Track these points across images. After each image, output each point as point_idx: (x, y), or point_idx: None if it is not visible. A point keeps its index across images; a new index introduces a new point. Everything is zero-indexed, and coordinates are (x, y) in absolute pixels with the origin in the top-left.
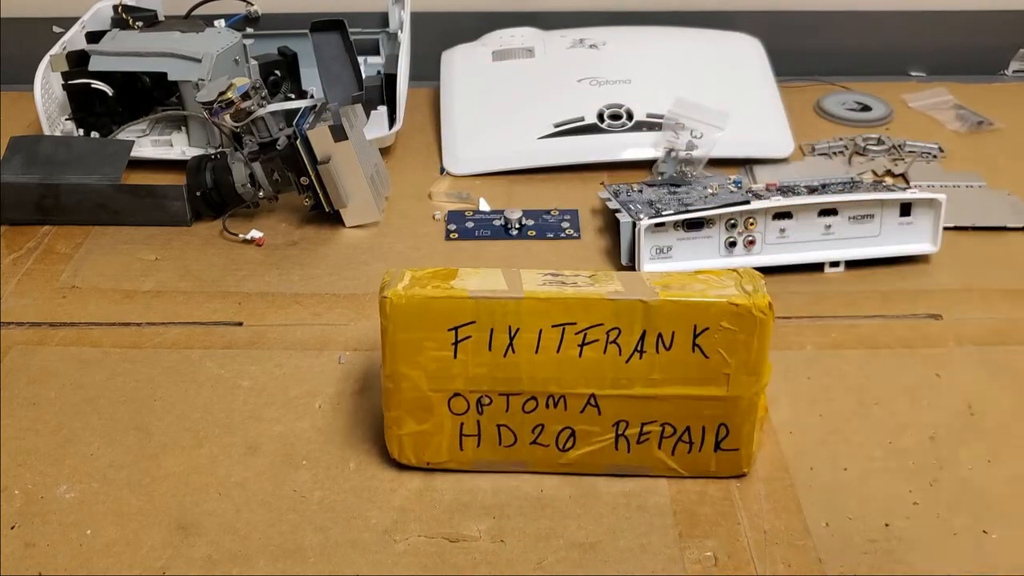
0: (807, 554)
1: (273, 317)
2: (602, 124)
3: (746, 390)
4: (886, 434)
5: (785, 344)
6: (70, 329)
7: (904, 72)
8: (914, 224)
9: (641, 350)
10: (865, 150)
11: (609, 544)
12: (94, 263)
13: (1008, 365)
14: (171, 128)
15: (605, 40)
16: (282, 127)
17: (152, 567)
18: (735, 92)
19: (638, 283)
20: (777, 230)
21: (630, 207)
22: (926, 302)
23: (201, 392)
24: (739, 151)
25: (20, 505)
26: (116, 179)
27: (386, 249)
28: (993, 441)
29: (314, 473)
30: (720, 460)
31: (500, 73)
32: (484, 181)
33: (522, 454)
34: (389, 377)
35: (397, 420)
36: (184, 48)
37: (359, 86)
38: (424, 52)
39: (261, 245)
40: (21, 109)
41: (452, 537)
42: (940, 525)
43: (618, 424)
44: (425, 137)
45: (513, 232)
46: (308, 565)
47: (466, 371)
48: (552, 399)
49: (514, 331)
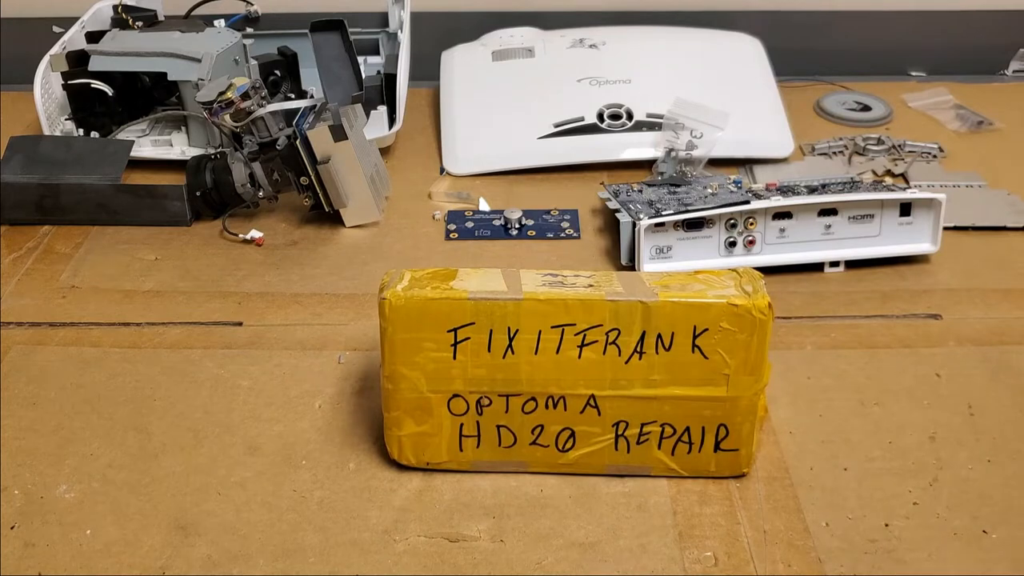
0: (807, 554)
1: (273, 317)
2: (602, 124)
3: (746, 390)
4: (886, 434)
5: (785, 344)
6: (70, 329)
7: (904, 72)
8: (914, 224)
9: (641, 351)
10: (865, 150)
11: (609, 544)
12: (94, 263)
13: (1008, 365)
14: (171, 128)
15: (605, 40)
16: (282, 127)
17: (152, 567)
18: (735, 92)
19: (638, 284)
20: (777, 230)
21: (630, 207)
22: (926, 302)
23: (201, 392)
24: (739, 151)
25: (20, 505)
26: (116, 179)
27: (386, 249)
28: (993, 441)
29: (314, 473)
30: (720, 460)
31: (500, 73)
32: (484, 181)
33: (522, 455)
34: (388, 378)
35: (397, 421)
36: (184, 48)
37: (359, 86)
38: (424, 52)
39: (261, 245)
40: (21, 109)
41: (452, 537)
42: (940, 525)
43: (618, 425)
44: (425, 137)
45: (513, 232)
46: (308, 565)
47: (465, 372)
48: (552, 400)
49: (513, 332)
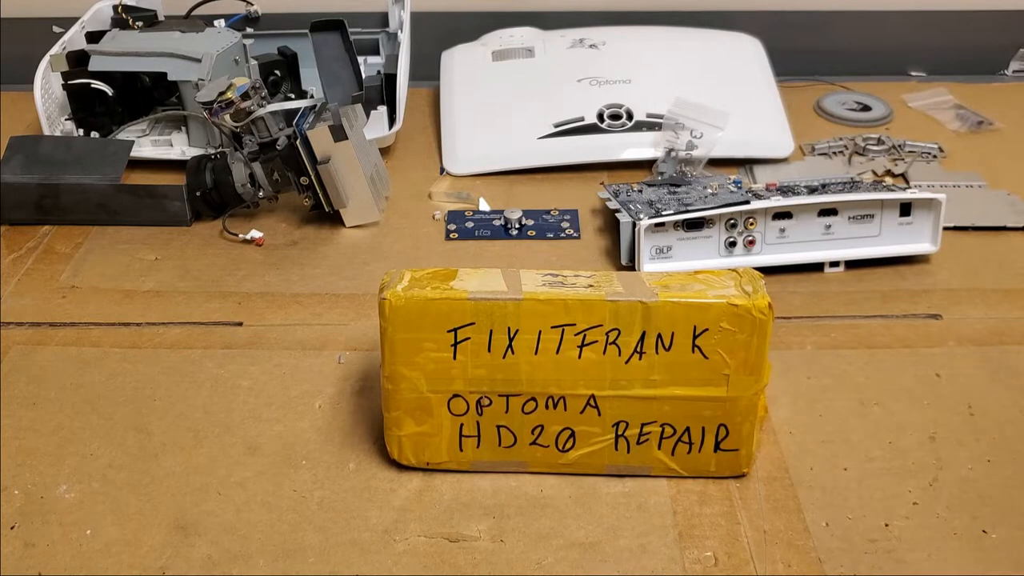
0: (807, 554)
1: (273, 317)
2: (602, 124)
3: (746, 390)
4: (886, 434)
5: (785, 344)
6: (70, 329)
7: (904, 72)
8: (914, 224)
9: (641, 351)
10: (865, 150)
11: (609, 544)
12: (94, 263)
13: (1008, 365)
14: (171, 128)
15: (605, 40)
16: (282, 127)
17: (152, 567)
18: (735, 92)
19: (638, 284)
20: (777, 230)
21: (630, 207)
22: (926, 302)
23: (201, 392)
24: (739, 151)
25: (20, 505)
26: (116, 179)
27: (386, 249)
28: (993, 441)
29: (314, 473)
30: (720, 460)
31: (500, 73)
32: (484, 181)
33: (522, 455)
34: (388, 378)
35: (397, 421)
36: (184, 48)
37: (359, 86)
38: (424, 52)
39: (261, 245)
40: (21, 109)
41: (452, 537)
42: (940, 525)
43: (618, 425)
44: (425, 137)
45: (513, 232)
46: (308, 565)
47: (465, 372)
48: (552, 400)
49: (513, 332)
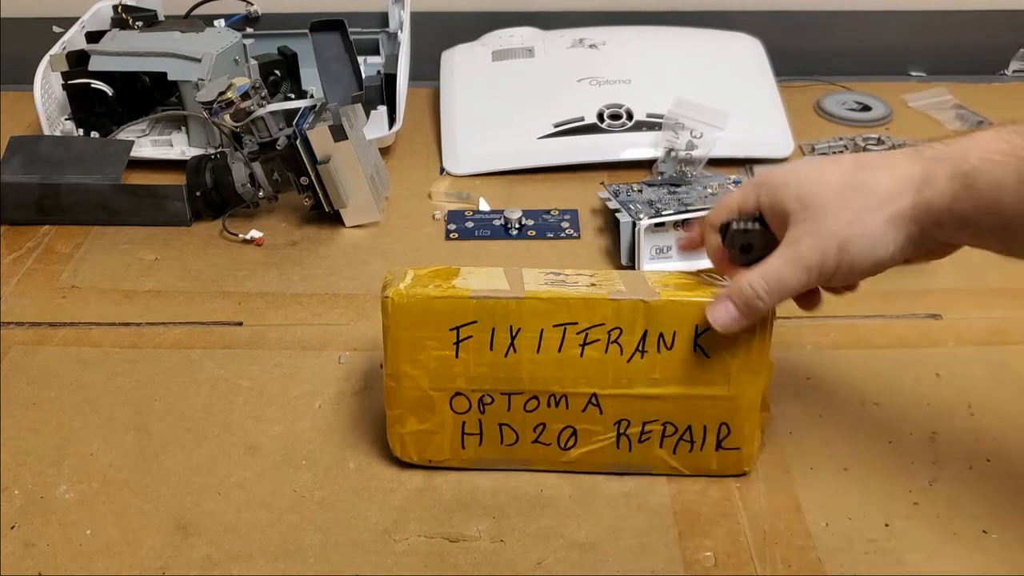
0: (807, 554)
1: (273, 317)
2: (602, 124)
3: (747, 389)
4: (886, 434)
5: (785, 344)
6: (70, 329)
7: (904, 72)
8: None
9: (642, 350)
10: (865, 150)
11: (609, 544)
12: (94, 263)
13: (1008, 365)
14: (171, 128)
15: (605, 40)
16: (282, 127)
17: (152, 567)
18: (735, 92)
19: (639, 283)
20: None
21: (630, 207)
22: (926, 302)
23: (201, 392)
24: (739, 151)
25: (20, 505)
26: (116, 179)
27: (386, 249)
28: (993, 441)
29: (314, 473)
30: (721, 459)
31: (500, 73)
32: (484, 181)
33: (524, 453)
34: (391, 376)
35: (399, 419)
36: (184, 48)
37: (359, 86)
38: (424, 52)
39: (261, 245)
40: (21, 109)
41: (452, 537)
42: (940, 525)
43: (619, 423)
44: (425, 137)
45: (513, 232)
46: (308, 565)
47: (468, 370)
48: (553, 398)
49: (515, 331)
